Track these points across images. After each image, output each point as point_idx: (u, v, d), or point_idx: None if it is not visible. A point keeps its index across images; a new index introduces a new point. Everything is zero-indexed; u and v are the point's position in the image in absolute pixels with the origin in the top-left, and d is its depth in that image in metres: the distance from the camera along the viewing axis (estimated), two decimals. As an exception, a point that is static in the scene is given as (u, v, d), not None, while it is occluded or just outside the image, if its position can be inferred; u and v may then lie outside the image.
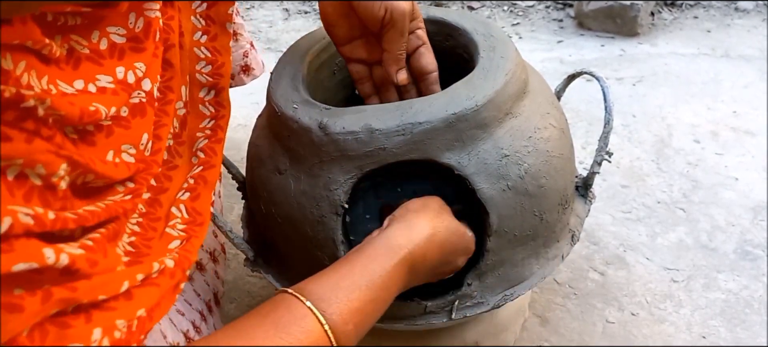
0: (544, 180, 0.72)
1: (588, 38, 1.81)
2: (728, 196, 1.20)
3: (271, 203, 0.76)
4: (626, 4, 1.77)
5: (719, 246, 1.10)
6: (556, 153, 0.74)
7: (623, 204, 1.20)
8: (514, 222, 0.71)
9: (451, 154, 0.68)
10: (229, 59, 0.82)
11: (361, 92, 0.81)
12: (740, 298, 1.01)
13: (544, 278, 0.77)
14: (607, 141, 0.80)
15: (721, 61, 1.64)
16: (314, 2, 2.06)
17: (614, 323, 0.98)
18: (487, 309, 0.75)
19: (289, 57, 0.82)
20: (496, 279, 0.75)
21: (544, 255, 0.77)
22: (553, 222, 0.76)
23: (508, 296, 0.75)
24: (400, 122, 0.67)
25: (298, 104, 0.72)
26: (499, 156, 0.69)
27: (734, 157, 1.30)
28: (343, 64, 0.87)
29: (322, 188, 0.70)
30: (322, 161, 0.70)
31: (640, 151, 1.33)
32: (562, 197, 0.76)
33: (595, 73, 0.82)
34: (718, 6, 1.91)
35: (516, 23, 1.92)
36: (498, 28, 0.79)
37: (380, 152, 0.68)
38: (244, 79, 1.10)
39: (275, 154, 0.75)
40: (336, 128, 0.68)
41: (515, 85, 0.72)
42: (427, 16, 0.83)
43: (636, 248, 1.11)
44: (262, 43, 1.88)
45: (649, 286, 1.04)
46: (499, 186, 0.69)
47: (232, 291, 1.08)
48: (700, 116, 1.43)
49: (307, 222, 0.72)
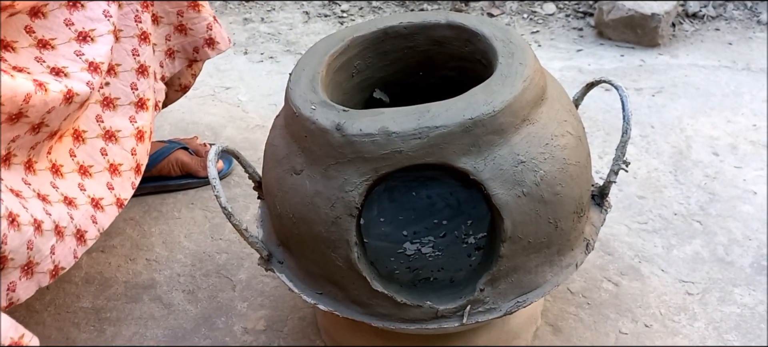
0: (559, 187, 0.72)
1: (607, 48, 1.80)
2: (746, 210, 1.19)
3: (286, 203, 0.76)
4: (647, 14, 1.76)
5: (736, 259, 1.09)
6: (573, 160, 0.74)
7: (639, 215, 1.19)
8: (528, 229, 0.71)
9: (467, 159, 0.68)
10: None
11: None
12: (756, 313, 1.00)
13: (557, 286, 0.77)
14: (625, 150, 0.80)
15: (742, 74, 1.62)
16: (334, 5, 2.07)
17: (627, 334, 0.97)
18: (499, 315, 0.75)
19: (308, 59, 0.82)
20: (509, 286, 0.75)
21: (558, 263, 0.77)
22: (567, 230, 0.76)
23: (521, 302, 0.75)
24: (417, 125, 0.67)
25: (316, 105, 0.73)
26: (515, 162, 0.69)
27: (753, 170, 1.29)
28: (362, 67, 0.88)
29: (338, 189, 0.71)
30: (338, 162, 0.70)
31: (658, 162, 1.32)
32: (578, 205, 0.76)
33: (614, 81, 0.82)
34: (740, 19, 1.89)
35: (535, 31, 1.92)
36: (517, 35, 0.80)
37: (396, 155, 0.68)
38: (208, 53, 1.11)
39: (291, 154, 0.76)
40: (353, 130, 0.69)
41: (533, 91, 0.72)
42: (447, 20, 0.84)
43: (651, 259, 1.10)
44: (282, 46, 1.89)
45: (664, 298, 1.03)
46: (514, 193, 0.69)
47: (245, 291, 1.09)
48: (720, 129, 1.41)
49: (321, 222, 0.72)
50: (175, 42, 1.07)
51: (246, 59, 1.83)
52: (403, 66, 0.91)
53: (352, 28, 0.87)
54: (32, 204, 0.79)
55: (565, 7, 2.00)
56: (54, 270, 0.83)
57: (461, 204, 0.97)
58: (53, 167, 0.88)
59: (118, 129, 0.96)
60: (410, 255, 0.93)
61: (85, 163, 0.92)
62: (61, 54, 0.84)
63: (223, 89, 1.66)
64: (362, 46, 0.87)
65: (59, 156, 0.89)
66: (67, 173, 0.90)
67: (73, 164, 0.91)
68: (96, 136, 0.94)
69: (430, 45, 0.88)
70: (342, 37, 0.86)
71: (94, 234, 0.90)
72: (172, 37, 1.06)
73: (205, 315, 1.06)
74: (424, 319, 0.76)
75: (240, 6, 2.11)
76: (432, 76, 0.91)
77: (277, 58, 1.83)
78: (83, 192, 0.90)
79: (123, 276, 1.14)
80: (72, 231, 0.86)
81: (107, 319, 1.07)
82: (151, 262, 1.17)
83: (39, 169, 0.85)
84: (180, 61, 1.09)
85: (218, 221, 1.23)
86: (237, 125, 1.50)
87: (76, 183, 0.90)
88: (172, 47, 1.07)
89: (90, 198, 0.91)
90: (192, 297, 1.09)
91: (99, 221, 0.92)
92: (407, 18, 0.86)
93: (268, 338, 1.01)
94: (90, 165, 0.93)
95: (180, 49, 1.08)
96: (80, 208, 0.89)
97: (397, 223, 0.98)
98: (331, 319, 0.95)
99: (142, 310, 1.08)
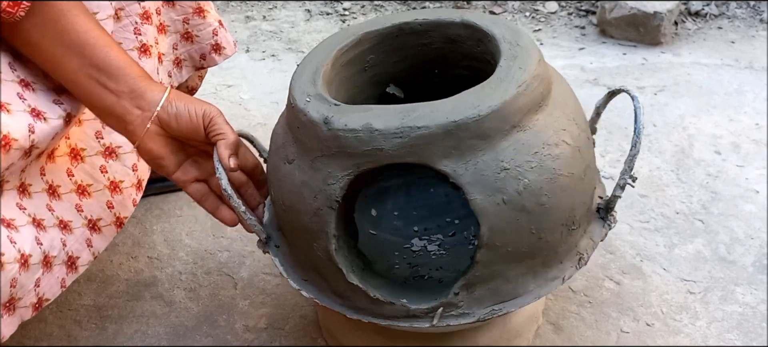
0: (545, 198, 0.70)
1: (610, 46, 1.80)
2: (748, 209, 1.19)
3: (280, 190, 0.78)
4: (650, 12, 1.76)
5: (738, 258, 1.09)
6: (565, 171, 0.72)
7: (641, 213, 1.19)
8: (507, 237, 0.70)
9: (448, 162, 0.68)
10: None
11: (208, 209, 0.86)
12: (758, 312, 0.99)
13: (538, 298, 0.76)
14: (632, 164, 0.77)
15: (745, 73, 1.62)
16: (336, 3, 2.07)
17: (629, 333, 0.97)
18: (472, 321, 0.74)
19: (316, 52, 0.83)
20: (485, 292, 0.74)
21: (543, 275, 0.76)
22: (554, 243, 0.74)
23: (497, 310, 0.74)
24: (400, 124, 0.67)
25: (311, 97, 0.74)
26: (498, 168, 0.68)
27: (755, 169, 1.28)
28: (375, 62, 0.89)
29: (321, 181, 0.72)
30: (324, 155, 0.72)
31: (660, 160, 1.32)
32: (569, 218, 0.74)
33: (632, 92, 0.79)
34: (743, 17, 1.89)
35: (538, 29, 1.92)
36: (527, 38, 0.78)
37: (377, 152, 0.68)
38: (215, 59, 1.09)
39: (287, 144, 0.77)
40: (338, 124, 0.69)
41: (528, 97, 0.70)
42: (461, 19, 0.83)
43: (653, 258, 1.10)
44: (284, 44, 1.89)
45: (665, 297, 1.03)
46: (494, 200, 0.68)
47: (247, 289, 1.09)
48: (722, 127, 1.41)
49: (306, 212, 0.74)
50: (181, 50, 1.05)
51: (248, 57, 1.83)
52: (418, 63, 0.90)
53: (364, 23, 0.88)
54: (24, 233, 0.77)
55: (567, 6, 2.00)
56: (37, 302, 0.80)
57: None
58: (50, 188, 0.85)
59: (118, 145, 0.93)
60: (415, 251, 0.93)
61: (84, 182, 0.90)
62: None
63: (225, 87, 1.66)
64: (375, 41, 0.87)
65: (56, 176, 0.86)
66: (65, 194, 0.87)
67: (71, 184, 0.88)
68: (95, 154, 0.92)
69: (444, 43, 0.87)
70: (354, 32, 0.86)
71: (87, 260, 0.88)
72: (179, 46, 1.04)
73: (206, 313, 1.06)
74: (397, 316, 0.76)
75: (242, 4, 2.11)
76: (446, 74, 0.91)
77: (278, 56, 1.83)
78: (80, 213, 0.88)
79: (124, 274, 1.14)
80: (63, 259, 0.84)
81: (109, 317, 1.07)
82: (152, 260, 1.17)
83: (34, 191, 0.83)
84: (187, 69, 1.07)
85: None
86: (239, 123, 1.50)
87: (74, 204, 0.88)
88: (178, 56, 1.05)
89: (87, 219, 0.89)
90: (193, 295, 1.10)
91: (94, 244, 0.90)
92: (422, 15, 0.86)
93: (269, 336, 1.01)
94: (89, 183, 0.90)
95: (187, 57, 1.06)
96: (75, 232, 0.87)
97: (410, 218, 0.99)
98: (332, 318, 0.95)
99: (144, 308, 1.08)
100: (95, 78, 0.77)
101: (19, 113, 0.75)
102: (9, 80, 0.77)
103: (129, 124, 0.79)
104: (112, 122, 0.80)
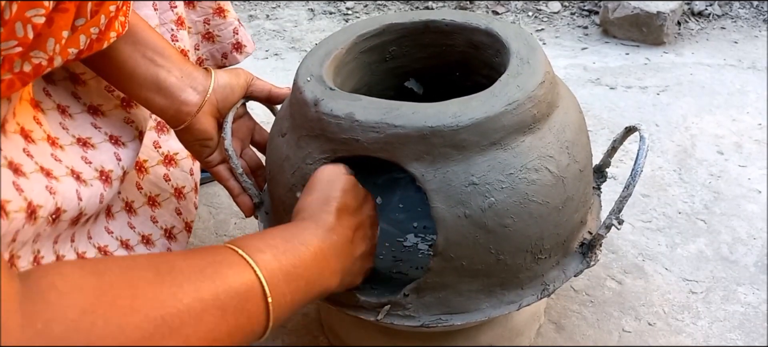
0: (509, 221, 0.68)
1: (613, 46, 1.80)
2: (750, 209, 1.19)
3: (269, 160, 0.82)
4: (652, 12, 1.76)
5: (740, 258, 1.09)
6: (539, 199, 0.69)
7: (643, 213, 1.19)
8: (463, 251, 0.69)
9: (418, 165, 0.68)
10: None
11: (231, 191, 0.87)
12: (760, 312, 0.99)
13: (488, 317, 0.74)
14: (623, 205, 0.74)
15: (748, 73, 1.62)
16: (339, 3, 2.07)
17: (631, 332, 0.97)
18: (416, 325, 0.74)
19: (335, 36, 0.85)
20: (434, 300, 0.73)
21: (499, 296, 0.74)
22: (515, 267, 0.72)
23: (443, 320, 0.73)
24: (379, 120, 0.68)
25: (312, 77, 0.76)
26: (466, 181, 0.67)
27: (758, 169, 1.28)
28: (397, 53, 0.90)
29: (301, 160, 0.74)
30: (308, 135, 0.73)
31: (662, 160, 1.32)
32: (535, 246, 0.72)
33: (643, 131, 0.75)
34: (746, 17, 1.89)
35: (540, 29, 1.92)
36: (540, 56, 0.75)
37: (353, 142, 0.69)
38: (237, 57, 1.11)
39: (284, 118, 0.80)
40: (325, 109, 0.71)
41: (516, 117, 0.69)
42: (486, 27, 0.82)
43: (655, 258, 1.10)
44: (287, 43, 1.90)
45: (667, 297, 1.03)
46: (455, 212, 0.67)
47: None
48: (725, 127, 1.41)
49: (283, 186, 0.76)
50: (203, 50, 1.06)
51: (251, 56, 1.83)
52: (441, 63, 0.90)
53: (389, 15, 0.89)
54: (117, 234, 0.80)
55: (570, 5, 2.00)
56: None
57: None
58: (127, 205, 0.87)
59: (175, 151, 0.95)
60: (407, 246, 0.94)
61: (152, 193, 0.91)
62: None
63: (228, 86, 1.67)
64: (400, 34, 0.88)
65: (129, 193, 0.88)
66: (139, 207, 0.89)
67: (142, 197, 0.90)
68: (157, 163, 0.93)
69: (467, 47, 0.87)
70: (379, 21, 0.87)
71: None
72: (201, 47, 1.05)
73: (209, 311, 1.06)
74: (346, 304, 0.76)
75: (245, 3, 2.11)
76: (467, 79, 0.90)
77: (282, 55, 1.83)
78: (156, 224, 0.90)
79: (128, 272, 1.14)
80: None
81: (112, 315, 1.07)
82: (155, 258, 1.17)
83: (115, 211, 0.84)
84: None
85: (223, 217, 1.24)
86: (241, 122, 1.51)
87: (149, 216, 0.89)
88: (200, 56, 1.06)
89: (163, 229, 0.91)
90: (196, 293, 1.10)
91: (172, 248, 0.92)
92: (450, 15, 0.86)
93: (271, 335, 1.01)
94: (157, 193, 0.91)
95: (209, 57, 1.07)
96: (157, 243, 0.88)
97: (413, 213, 0.99)
98: (334, 317, 0.95)
99: (147, 306, 1.08)
100: (150, 57, 0.78)
101: (101, 144, 0.80)
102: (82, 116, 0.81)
103: (184, 104, 0.80)
104: (165, 102, 0.80)
